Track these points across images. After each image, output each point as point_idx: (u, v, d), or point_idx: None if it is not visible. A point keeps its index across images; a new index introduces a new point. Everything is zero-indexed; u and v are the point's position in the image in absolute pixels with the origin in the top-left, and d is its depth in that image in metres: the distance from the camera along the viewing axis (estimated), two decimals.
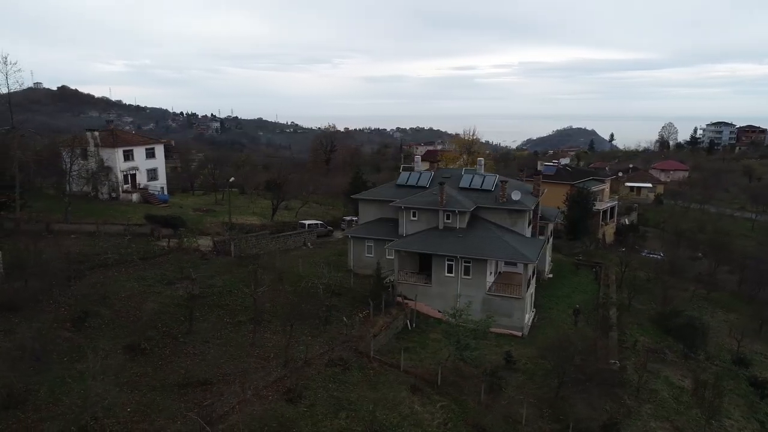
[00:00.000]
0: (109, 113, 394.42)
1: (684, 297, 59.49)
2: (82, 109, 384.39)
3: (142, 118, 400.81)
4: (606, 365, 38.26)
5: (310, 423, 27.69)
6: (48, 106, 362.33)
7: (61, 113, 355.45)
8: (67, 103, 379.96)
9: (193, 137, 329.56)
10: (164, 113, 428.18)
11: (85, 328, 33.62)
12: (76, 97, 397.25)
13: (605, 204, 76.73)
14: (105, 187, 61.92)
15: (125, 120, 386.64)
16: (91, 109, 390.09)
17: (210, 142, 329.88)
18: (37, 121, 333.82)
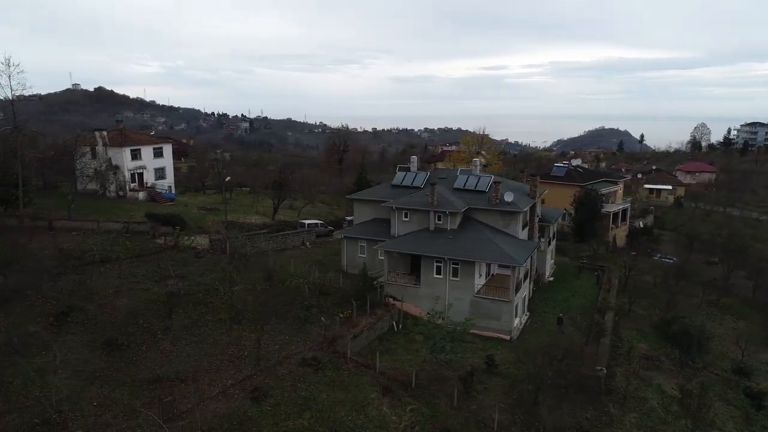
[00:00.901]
0: (143, 113, 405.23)
1: (692, 303, 57.69)
2: (118, 109, 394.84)
3: (175, 118, 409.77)
4: (591, 371, 37.28)
5: (271, 422, 27.76)
6: (85, 106, 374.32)
7: (97, 113, 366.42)
8: (104, 104, 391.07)
9: (223, 137, 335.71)
10: (196, 113, 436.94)
11: (67, 323, 34.42)
12: (112, 97, 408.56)
13: (616, 206, 74.83)
14: (113, 185, 63.47)
15: (158, 120, 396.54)
16: (126, 110, 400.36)
17: (239, 141, 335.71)
18: (74, 121, 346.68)
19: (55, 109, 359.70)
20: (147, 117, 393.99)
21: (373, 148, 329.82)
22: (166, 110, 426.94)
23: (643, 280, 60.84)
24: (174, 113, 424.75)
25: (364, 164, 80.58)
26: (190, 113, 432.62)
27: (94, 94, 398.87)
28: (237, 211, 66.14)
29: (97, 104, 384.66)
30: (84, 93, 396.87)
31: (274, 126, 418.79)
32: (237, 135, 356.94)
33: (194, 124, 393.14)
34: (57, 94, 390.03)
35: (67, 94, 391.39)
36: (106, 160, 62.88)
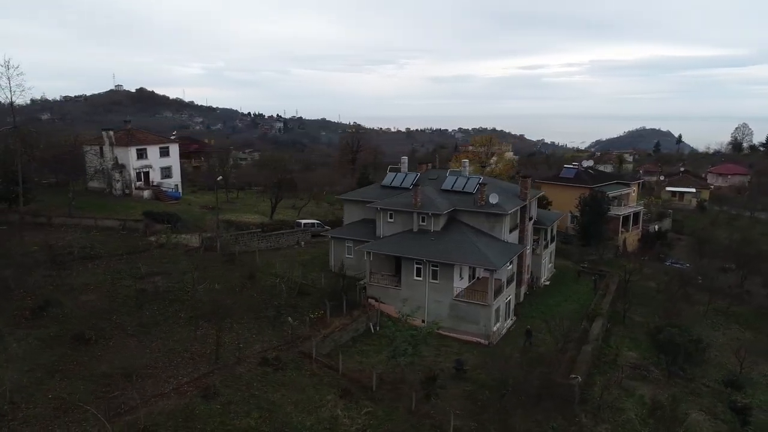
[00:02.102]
0: (182, 113, 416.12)
1: (697, 311, 55.43)
2: (158, 109, 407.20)
3: (212, 118, 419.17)
4: (566, 379, 36.17)
5: (217, 421, 27.92)
6: (128, 107, 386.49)
7: (138, 113, 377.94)
8: (145, 104, 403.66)
9: (257, 137, 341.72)
10: (233, 113, 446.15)
11: (43, 316, 35.56)
12: (152, 98, 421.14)
13: (627, 209, 72.42)
14: (119, 183, 65.31)
15: (196, 120, 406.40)
16: (166, 110, 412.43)
17: (273, 141, 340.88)
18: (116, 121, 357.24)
19: (99, 109, 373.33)
20: (185, 117, 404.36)
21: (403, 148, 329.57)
22: (204, 110, 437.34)
23: (647, 286, 58.81)
24: (211, 113, 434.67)
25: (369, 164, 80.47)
26: (227, 113, 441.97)
27: (135, 94, 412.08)
28: (239, 210, 67.12)
29: (138, 104, 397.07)
30: (126, 94, 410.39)
31: (308, 126, 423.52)
32: (271, 135, 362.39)
33: (230, 124, 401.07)
34: (101, 95, 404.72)
35: (111, 94, 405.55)
36: (112, 159, 64.78)
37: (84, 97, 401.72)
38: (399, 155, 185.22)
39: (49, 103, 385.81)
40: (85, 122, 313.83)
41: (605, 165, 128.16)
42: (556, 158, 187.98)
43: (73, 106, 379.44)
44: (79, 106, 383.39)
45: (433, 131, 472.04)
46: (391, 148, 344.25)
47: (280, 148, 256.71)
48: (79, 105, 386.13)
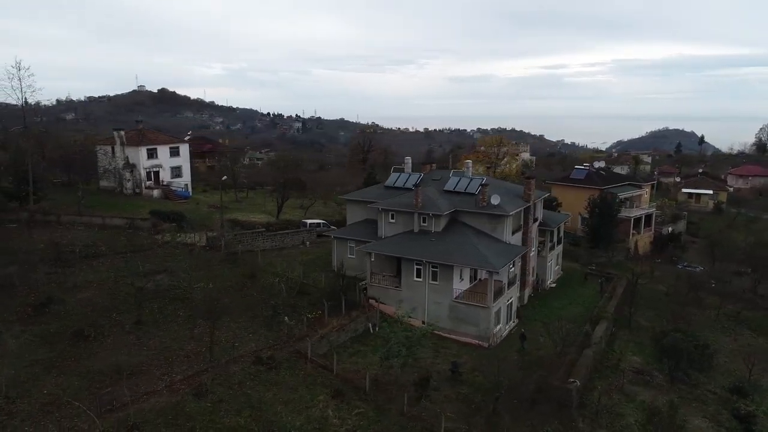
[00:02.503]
0: (203, 114, 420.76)
1: (708, 315, 54.31)
2: (179, 109, 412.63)
3: (232, 118, 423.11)
4: (564, 383, 35.67)
5: (207, 419, 28.12)
6: (149, 107, 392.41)
7: (160, 113, 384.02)
8: (166, 104, 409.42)
9: (276, 137, 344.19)
10: (253, 113, 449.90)
11: (44, 313, 36.24)
12: (174, 98, 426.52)
13: (639, 211, 71.20)
14: (129, 183, 66.31)
15: (216, 120, 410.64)
16: (187, 110, 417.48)
17: (291, 141, 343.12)
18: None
19: (121, 109, 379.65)
20: (206, 117, 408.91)
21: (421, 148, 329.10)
22: (224, 110, 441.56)
23: (657, 289, 57.77)
24: (231, 113, 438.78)
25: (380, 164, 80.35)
26: (246, 113, 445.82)
27: (157, 95, 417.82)
28: (246, 209, 67.65)
29: (159, 104, 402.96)
30: (148, 94, 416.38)
31: (326, 126, 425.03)
32: (289, 135, 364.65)
33: (249, 124, 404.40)
34: (124, 96, 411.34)
35: (133, 95, 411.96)
36: (123, 158, 65.79)
37: (107, 97, 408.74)
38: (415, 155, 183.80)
39: (73, 104, 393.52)
40: (108, 122, 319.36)
41: (621, 166, 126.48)
42: (573, 159, 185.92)
43: (97, 107, 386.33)
44: (102, 106, 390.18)
45: (451, 131, 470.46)
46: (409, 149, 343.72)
47: (298, 148, 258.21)
48: (102, 105, 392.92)
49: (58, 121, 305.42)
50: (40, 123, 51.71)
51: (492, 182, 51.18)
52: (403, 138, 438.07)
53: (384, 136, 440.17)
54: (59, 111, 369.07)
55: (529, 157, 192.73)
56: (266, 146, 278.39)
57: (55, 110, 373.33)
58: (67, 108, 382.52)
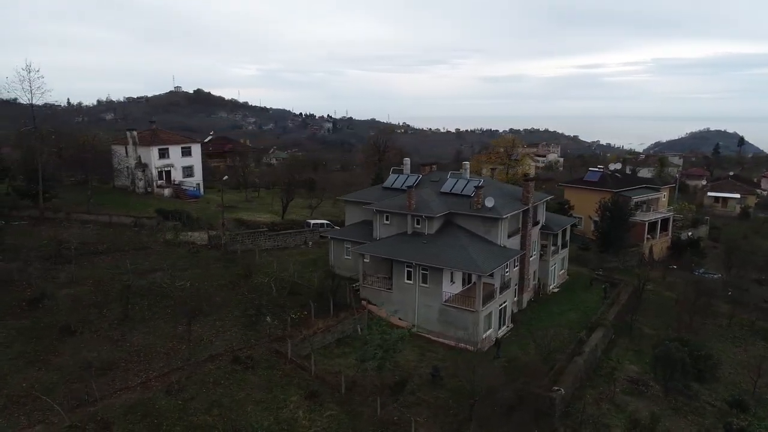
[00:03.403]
0: (236, 114, 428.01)
1: (719, 324, 52.26)
2: (213, 110, 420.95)
3: (265, 118, 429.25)
4: (548, 391, 34.77)
5: (176, 416, 28.45)
6: (185, 107, 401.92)
7: (195, 114, 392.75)
8: (201, 105, 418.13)
9: (306, 137, 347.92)
10: (285, 114, 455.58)
11: (38, 308, 37.31)
12: (208, 99, 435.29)
13: (654, 215, 68.88)
14: (141, 182, 67.86)
15: (249, 120, 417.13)
16: (221, 110, 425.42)
17: (321, 141, 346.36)
18: (173, 121, 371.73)
19: (158, 109, 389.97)
20: (239, 117, 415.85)
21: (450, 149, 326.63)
22: (257, 111, 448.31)
23: (667, 296, 55.85)
24: (264, 114, 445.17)
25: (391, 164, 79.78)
26: (279, 114, 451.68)
27: (192, 95, 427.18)
28: (254, 209, 68.35)
29: (194, 105, 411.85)
30: (184, 95, 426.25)
31: (357, 126, 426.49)
32: (320, 135, 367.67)
33: (281, 124, 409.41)
34: (161, 96, 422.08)
35: (170, 95, 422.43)
36: (135, 158, 67.39)
37: (145, 98, 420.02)
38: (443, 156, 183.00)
39: (113, 104, 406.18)
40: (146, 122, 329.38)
41: (649, 168, 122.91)
42: (598, 160, 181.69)
43: (135, 107, 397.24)
44: (140, 106, 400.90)
45: (483, 132, 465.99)
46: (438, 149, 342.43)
47: (327, 148, 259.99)
48: (140, 106, 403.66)
49: (99, 121, 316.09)
50: (51, 122, 52.89)
51: (491, 185, 50.36)
52: (433, 138, 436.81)
53: (414, 136, 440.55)
54: (99, 111, 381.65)
55: (557, 158, 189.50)
56: (296, 146, 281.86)
57: (95, 110, 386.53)
58: (107, 108, 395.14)
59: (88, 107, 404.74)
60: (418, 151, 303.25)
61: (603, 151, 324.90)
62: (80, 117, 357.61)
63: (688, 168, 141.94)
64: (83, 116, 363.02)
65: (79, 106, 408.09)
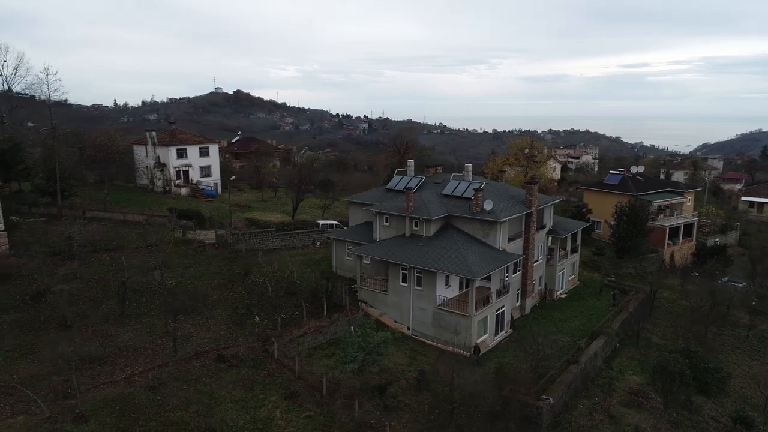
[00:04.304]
0: (274, 114, 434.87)
1: (737, 335, 49.88)
2: (252, 110, 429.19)
3: (302, 119, 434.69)
4: (535, 399, 33.89)
5: (153, 411, 29.04)
6: (224, 108, 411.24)
7: (234, 114, 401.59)
8: (240, 105, 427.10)
9: (341, 137, 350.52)
10: (322, 114, 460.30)
11: (40, 302, 38.71)
12: (247, 100, 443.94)
13: (676, 220, 66.24)
14: (159, 181, 69.63)
15: (287, 121, 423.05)
16: (259, 111, 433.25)
17: (356, 142, 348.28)
18: (213, 121, 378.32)
19: (199, 110, 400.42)
20: (276, 118, 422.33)
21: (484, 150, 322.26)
22: (294, 111, 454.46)
23: (683, 304, 53.66)
24: (301, 114, 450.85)
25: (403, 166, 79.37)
26: (316, 114, 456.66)
27: (232, 96, 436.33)
28: (268, 209, 69.11)
29: (234, 105, 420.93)
30: (224, 96, 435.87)
31: (392, 126, 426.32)
32: (355, 135, 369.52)
33: (318, 124, 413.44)
34: (202, 97, 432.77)
35: (210, 96, 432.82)
36: (154, 157, 69.20)
37: (187, 99, 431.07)
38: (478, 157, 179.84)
39: (156, 105, 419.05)
40: (187, 122, 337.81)
41: (685, 171, 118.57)
42: (618, 161, 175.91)
43: (177, 108, 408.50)
44: (182, 107, 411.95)
45: (521, 132, 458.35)
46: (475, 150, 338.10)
47: (362, 148, 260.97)
48: (182, 106, 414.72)
49: (143, 121, 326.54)
50: (74, 123, 54.71)
51: (496, 187, 49.48)
52: (470, 139, 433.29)
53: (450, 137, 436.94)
54: (144, 111, 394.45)
55: (591, 160, 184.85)
56: (331, 146, 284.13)
57: (140, 111, 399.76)
58: (151, 109, 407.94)
59: (133, 107, 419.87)
60: (454, 152, 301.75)
61: (645, 153, 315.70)
62: (125, 117, 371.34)
63: (729, 171, 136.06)
64: (128, 116, 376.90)
65: (125, 106, 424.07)
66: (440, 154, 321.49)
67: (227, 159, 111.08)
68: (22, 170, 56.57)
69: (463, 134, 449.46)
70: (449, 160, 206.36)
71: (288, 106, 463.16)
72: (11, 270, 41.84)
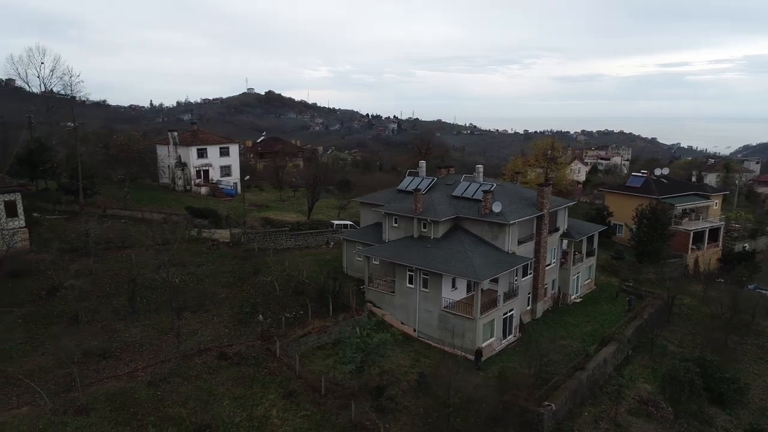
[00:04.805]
0: (304, 115, 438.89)
1: (761, 344, 48.10)
2: (283, 111, 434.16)
3: (332, 119, 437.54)
4: (537, 405, 33.31)
5: (152, 406, 29.60)
6: (256, 108, 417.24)
7: (266, 114, 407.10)
8: (271, 106, 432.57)
9: (370, 137, 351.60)
10: (352, 114, 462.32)
11: (55, 297, 39.88)
12: (279, 100, 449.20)
13: (700, 224, 64.11)
14: (180, 180, 71.00)
15: (317, 121, 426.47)
16: (290, 111, 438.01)
17: (385, 142, 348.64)
18: (245, 121, 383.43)
19: (231, 110, 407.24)
20: (307, 118, 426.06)
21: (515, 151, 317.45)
22: (325, 112, 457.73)
23: (703, 311, 51.97)
24: (332, 115, 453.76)
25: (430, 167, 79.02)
26: (346, 114, 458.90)
27: (264, 97, 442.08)
28: (285, 209, 69.71)
29: (265, 106, 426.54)
30: (256, 96, 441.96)
31: (422, 127, 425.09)
32: (384, 136, 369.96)
33: (347, 124, 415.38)
34: (235, 98, 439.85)
35: (243, 97, 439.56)
36: (176, 157, 70.61)
37: (220, 99, 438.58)
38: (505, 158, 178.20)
39: (191, 105, 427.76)
40: (219, 122, 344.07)
41: (717, 174, 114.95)
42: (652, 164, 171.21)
43: (210, 108, 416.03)
44: (215, 107, 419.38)
45: (553, 133, 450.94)
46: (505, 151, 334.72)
47: (390, 149, 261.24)
48: (215, 107, 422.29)
49: (177, 121, 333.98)
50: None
51: (508, 189, 48.80)
52: (501, 140, 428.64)
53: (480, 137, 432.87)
54: (178, 112, 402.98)
55: (622, 162, 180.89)
56: (360, 146, 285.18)
57: (175, 111, 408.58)
58: (185, 109, 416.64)
59: (168, 108, 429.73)
60: (484, 153, 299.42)
61: (682, 155, 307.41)
62: (161, 117, 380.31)
63: (766, 174, 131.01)
64: (163, 117, 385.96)
65: (161, 107, 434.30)
66: (470, 155, 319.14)
67: (252, 159, 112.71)
68: (48, 169, 58.42)
69: (493, 135, 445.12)
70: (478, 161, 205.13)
71: (318, 107, 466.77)
72: (30, 265, 43.22)
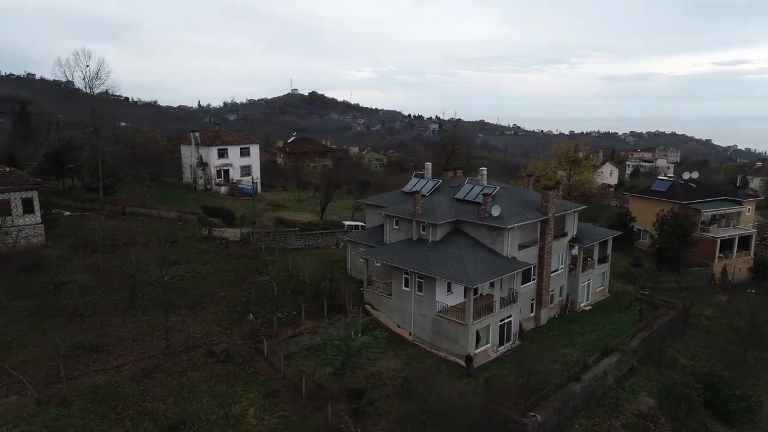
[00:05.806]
0: (347, 115, 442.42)
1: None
2: (326, 111, 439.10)
3: (374, 119, 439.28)
4: (521, 416, 32.37)
5: (133, 400, 30.34)
6: (300, 108, 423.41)
7: (309, 115, 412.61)
8: (314, 106, 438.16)
9: (411, 137, 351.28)
10: (394, 115, 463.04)
11: (60, 291, 41.47)
12: (322, 100, 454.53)
13: (731, 231, 60.77)
14: (201, 179, 72.69)
15: (359, 121, 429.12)
16: (333, 112, 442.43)
17: (425, 143, 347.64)
18: (288, 122, 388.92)
19: (275, 110, 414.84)
20: (349, 119, 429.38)
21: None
22: (367, 112, 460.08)
23: (723, 323, 49.36)
24: (374, 115, 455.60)
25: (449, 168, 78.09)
26: (388, 115, 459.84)
27: (307, 97, 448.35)
28: (301, 209, 70.28)
29: (309, 106, 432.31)
30: (300, 97, 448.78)
31: (464, 127, 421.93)
32: (424, 136, 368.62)
33: (388, 125, 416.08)
34: (279, 98, 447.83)
35: (287, 98, 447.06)
36: (197, 157, 72.34)
37: (265, 100, 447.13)
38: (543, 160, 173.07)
39: (236, 106, 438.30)
40: (264, 122, 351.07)
41: (761, 178, 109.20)
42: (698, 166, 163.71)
43: (255, 108, 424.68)
44: (260, 108, 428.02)
45: (600, 134, 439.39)
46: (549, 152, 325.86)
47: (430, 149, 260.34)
48: (260, 107, 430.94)
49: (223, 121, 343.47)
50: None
51: (513, 192, 47.69)
52: (545, 141, 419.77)
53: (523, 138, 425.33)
54: (225, 112, 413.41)
55: (667, 164, 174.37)
56: (400, 147, 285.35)
57: (221, 111, 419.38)
58: (231, 110, 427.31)
59: (215, 108, 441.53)
60: (527, 154, 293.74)
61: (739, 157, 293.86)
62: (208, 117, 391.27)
63: None
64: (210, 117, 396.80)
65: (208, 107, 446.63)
66: (512, 156, 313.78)
67: (281, 159, 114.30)
68: (74, 168, 60.86)
69: (537, 136, 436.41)
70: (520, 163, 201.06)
71: (361, 107, 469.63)
72: (44, 260, 45.14)
